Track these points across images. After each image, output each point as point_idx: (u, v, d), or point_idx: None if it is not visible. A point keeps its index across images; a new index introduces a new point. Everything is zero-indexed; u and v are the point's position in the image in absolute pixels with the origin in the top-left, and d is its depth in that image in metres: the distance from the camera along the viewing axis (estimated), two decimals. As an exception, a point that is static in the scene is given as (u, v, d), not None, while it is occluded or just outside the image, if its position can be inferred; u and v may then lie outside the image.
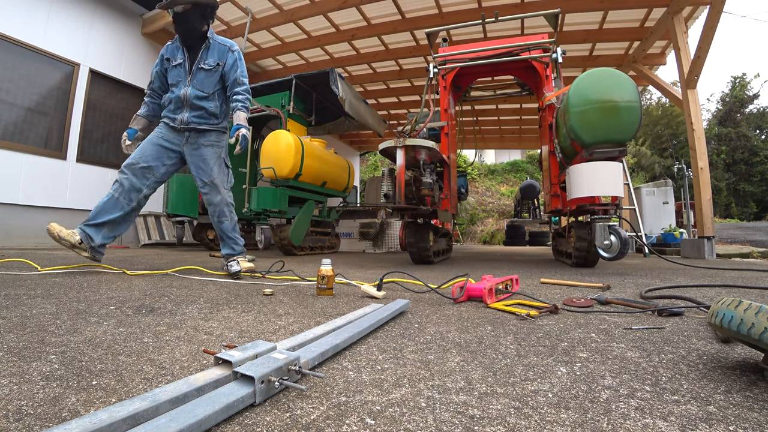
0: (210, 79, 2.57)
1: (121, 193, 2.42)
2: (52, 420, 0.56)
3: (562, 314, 1.36)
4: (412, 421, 0.58)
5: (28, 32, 4.91)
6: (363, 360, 0.85)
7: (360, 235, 7.08)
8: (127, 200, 2.44)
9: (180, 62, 2.55)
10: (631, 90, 2.61)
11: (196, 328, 1.10)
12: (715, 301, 0.83)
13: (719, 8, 4.55)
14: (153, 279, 2.18)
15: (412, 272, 2.39)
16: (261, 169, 4.67)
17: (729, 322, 0.74)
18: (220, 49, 2.58)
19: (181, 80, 2.56)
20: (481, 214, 16.63)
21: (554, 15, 3.42)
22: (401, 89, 8.95)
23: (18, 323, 1.10)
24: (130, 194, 2.44)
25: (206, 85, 2.57)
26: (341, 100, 5.31)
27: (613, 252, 2.86)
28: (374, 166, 17.93)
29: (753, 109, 26.06)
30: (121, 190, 2.43)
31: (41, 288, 1.75)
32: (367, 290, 1.68)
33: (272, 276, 2.38)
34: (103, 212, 2.39)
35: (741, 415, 0.60)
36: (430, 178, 3.34)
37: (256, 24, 6.15)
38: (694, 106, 5.01)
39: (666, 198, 7.10)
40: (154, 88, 2.66)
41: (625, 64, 6.71)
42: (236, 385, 0.62)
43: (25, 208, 4.84)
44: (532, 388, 0.70)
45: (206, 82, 2.56)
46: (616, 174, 2.74)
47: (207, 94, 2.56)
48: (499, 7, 5.52)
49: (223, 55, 2.58)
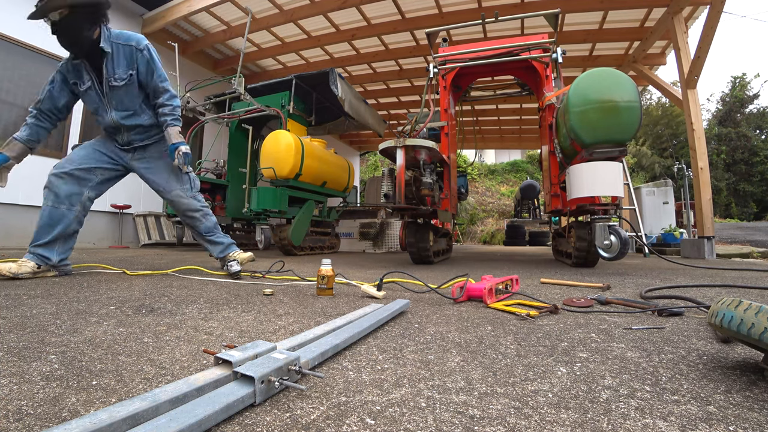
0: (129, 94, 2.23)
1: (60, 202, 2.16)
2: (52, 420, 0.56)
3: (562, 314, 1.36)
4: (412, 421, 0.58)
5: (28, 32, 4.91)
6: (363, 360, 0.85)
7: (360, 235, 7.08)
8: (68, 206, 2.18)
9: (89, 85, 2.19)
10: (631, 90, 2.61)
11: (196, 328, 1.10)
12: (715, 301, 0.83)
13: (719, 8, 4.55)
14: (153, 279, 2.18)
15: (412, 272, 2.39)
16: (261, 169, 4.67)
17: (729, 322, 0.74)
18: (126, 53, 2.18)
19: (99, 106, 2.24)
20: (481, 214, 16.63)
21: (554, 15, 3.42)
22: (401, 89, 8.95)
23: (18, 323, 1.10)
24: (70, 199, 2.19)
25: (128, 103, 2.25)
26: (340, 100, 5.32)
27: (613, 252, 2.86)
28: (374, 166, 17.93)
29: (753, 109, 26.07)
30: (56, 198, 2.16)
31: (41, 288, 1.75)
32: (367, 290, 1.68)
33: (272, 276, 2.38)
34: (48, 228, 2.14)
35: (741, 415, 0.60)
36: (430, 178, 3.34)
37: (256, 24, 6.15)
38: (694, 106, 5.01)
39: (666, 198, 7.11)
40: (42, 108, 2.20)
41: (625, 64, 6.72)
42: (236, 385, 0.62)
43: (25, 208, 4.84)
44: (532, 388, 0.70)
45: (126, 99, 2.23)
46: (616, 174, 2.74)
47: (134, 110, 2.28)
48: (499, 7, 5.52)
49: (132, 59, 2.19)
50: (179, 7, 5.86)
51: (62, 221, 2.17)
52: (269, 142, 4.62)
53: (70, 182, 2.19)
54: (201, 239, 2.54)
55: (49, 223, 2.15)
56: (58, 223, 2.16)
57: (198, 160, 6.11)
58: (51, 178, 2.18)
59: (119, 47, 2.16)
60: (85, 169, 2.24)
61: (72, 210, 2.21)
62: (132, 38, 2.20)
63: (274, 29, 6.51)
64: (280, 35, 6.79)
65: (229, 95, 5.45)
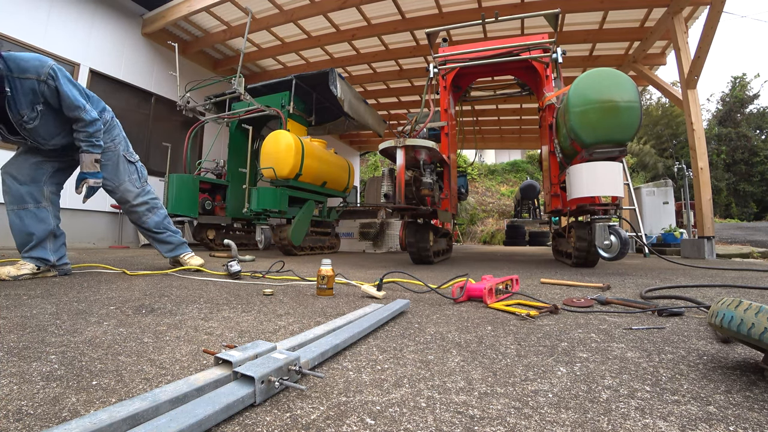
0: (46, 126, 1.99)
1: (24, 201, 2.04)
2: (52, 420, 0.56)
3: (562, 314, 1.36)
4: (412, 421, 0.58)
5: (29, 32, 4.91)
6: (363, 360, 0.85)
7: (360, 235, 7.08)
8: (35, 204, 2.07)
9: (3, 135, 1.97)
10: (631, 90, 2.61)
11: (196, 328, 1.10)
12: (715, 301, 0.83)
13: (719, 8, 4.55)
14: (153, 279, 2.18)
15: (412, 272, 2.39)
16: (261, 169, 4.67)
17: (729, 322, 0.74)
18: (25, 87, 1.85)
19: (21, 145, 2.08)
20: (481, 214, 16.63)
21: (554, 15, 3.42)
22: (401, 89, 8.95)
23: (18, 323, 1.10)
24: (34, 196, 2.06)
25: (49, 133, 2.03)
26: (340, 100, 5.32)
27: (613, 252, 2.86)
28: (374, 166, 17.93)
29: (753, 109, 26.07)
30: (12, 199, 2.03)
31: (41, 288, 1.75)
32: (367, 290, 1.68)
33: (272, 276, 2.38)
34: (28, 231, 2.05)
35: (741, 415, 0.60)
36: (430, 178, 3.34)
37: (256, 24, 6.15)
38: (694, 106, 5.01)
39: (666, 198, 7.11)
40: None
41: (625, 64, 6.72)
42: (236, 385, 0.62)
43: (25, 208, 4.83)
44: (532, 388, 0.70)
45: (45, 131, 2.00)
46: (616, 174, 2.75)
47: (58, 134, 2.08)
48: (499, 7, 5.52)
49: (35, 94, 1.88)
50: (179, 7, 5.86)
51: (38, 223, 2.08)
52: (269, 142, 4.62)
53: (25, 180, 2.07)
54: (149, 236, 2.45)
55: (27, 228, 2.06)
56: (35, 226, 2.07)
57: (198, 160, 6.11)
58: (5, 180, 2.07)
59: (16, 81, 1.83)
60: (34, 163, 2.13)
61: (41, 208, 2.10)
62: (29, 69, 1.84)
63: (274, 29, 6.51)
64: (280, 35, 6.79)
65: (229, 95, 5.45)
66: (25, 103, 1.87)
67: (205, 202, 5.28)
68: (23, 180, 2.07)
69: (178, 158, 5.78)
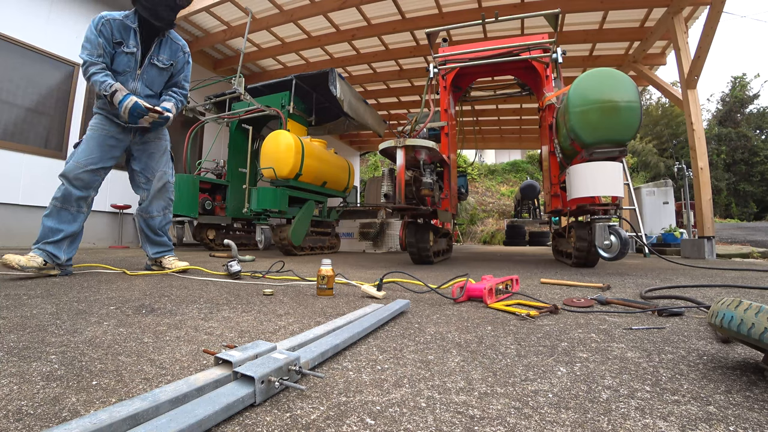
0: (160, 78, 2.44)
1: (70, 204, 2.22)
2: (52, 420, 0.56)
3: (562, 314, 1.36)
4: (412, 421, 0.58)
5: (28, 32, 4.91)
6: (363, 360, 0.85)
7: (360, 235, 7.08)
8: (77, 208, 2.25)
9: (132, 51, 2.28)
10: (631, 90, 2.61)
11: (196, 328, 1.10)
12: (715, 301, 0.83)
13: (719, 8, 4.55)
14: (153, 279, 2.18)
15: (412, 272, 2.40)
16: (261, 169, 4.68)
17: (729, 323, 0.73)
18: (173, 47, 2.44)
19: (130, 72, 2.31)
20: (481, 214, 16.63)
21: (554, 15, 3.42)
22: (401, 89, 8.95)
23: (18, 323, 1.10)
24: (79, 203, 2.25)
25: (156, 84, 2.43)
26: (339, 100, 5.31)
27: (613, 252, 2.86)
28: (374, 166, 17.93)
29: (753, 109, 26.09)
30: (68, 199, 2.21)
31: (41, 288, 1.75)
32: (367, 290, 1.68)
33: (272, 276, 2.38)
34: (58, 227, 2.19)
35: (741, 415, 0.60)
36: (430, 178, 3.34)
37: (256, 24, 6.15)
38: (694, 106, 5.01)
39: (666, 198, 7.11)
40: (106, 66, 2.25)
41: (625, 65, 6.72)
42: (236, 386, 0.62)
43: (25, 208, 4.84)
44: (532, 388, 0.70)
45: (157, 80, 2.42)
46: (616, 174, 2.74)
47: (155, 93, 2.45)
48: (499, 7, 5.52)
49: (175, 55, 2.45)
50: (179, 7, 5.85)
51: (71, 223, 2.23)
52: (269, 142, 4.62)
53: (79, 186, 2.24)
54: (148, 234, 2.56)
55: (59, 224, 2.20)
56: (67, 225, 2.22)
57: (198, 160, 6.11)
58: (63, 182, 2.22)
59: (170, 40, 2.43)
60: (92, 171, 2.28)
61: (80, 213, 2.27)
62: (181, 40, 2.51)
63: (274, 29, 6.51)
64: (280, 35, 6.79)
65: (229, 95, 5.46)
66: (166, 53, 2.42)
67: (205, 202, 5.28)
68: (78, 185, 2.24)
69: (178, 158, 5.78)
